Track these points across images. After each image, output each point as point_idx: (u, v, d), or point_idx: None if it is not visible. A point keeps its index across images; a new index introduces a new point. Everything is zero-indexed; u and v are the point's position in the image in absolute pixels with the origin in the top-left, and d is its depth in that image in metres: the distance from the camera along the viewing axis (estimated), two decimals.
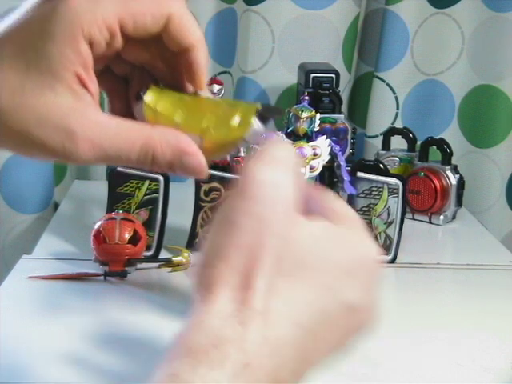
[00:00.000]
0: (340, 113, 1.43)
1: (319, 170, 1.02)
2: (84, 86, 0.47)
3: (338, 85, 1.45)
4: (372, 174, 1.24)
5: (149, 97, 0.48)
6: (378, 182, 1.23)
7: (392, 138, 1.54)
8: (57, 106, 0.46)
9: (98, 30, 0.46)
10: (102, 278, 1.11)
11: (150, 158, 0.48)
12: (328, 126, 1.39)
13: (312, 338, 0.44)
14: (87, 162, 0.48)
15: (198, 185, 1.21)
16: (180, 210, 1.25)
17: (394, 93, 1.61)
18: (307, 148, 1.02)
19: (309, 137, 1.04)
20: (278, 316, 0.43)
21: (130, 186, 1.21)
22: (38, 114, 0.46)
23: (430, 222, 1.46)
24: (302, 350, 0.44)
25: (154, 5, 0.48)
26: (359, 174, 1.24)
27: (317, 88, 1.43)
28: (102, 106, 0.48)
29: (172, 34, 0.49)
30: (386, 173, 1.25)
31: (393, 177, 1.24)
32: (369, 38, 1.67)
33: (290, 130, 1.04)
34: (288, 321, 0.43)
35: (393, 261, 1.24)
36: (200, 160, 0.48)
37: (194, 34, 0.49)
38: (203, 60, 0.50)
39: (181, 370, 0.41)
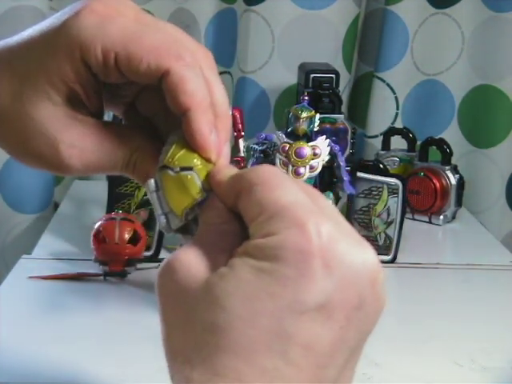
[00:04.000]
0: (340, 113, 1.43)
1: (319, 169, 1.01)
2: (80, 101, 0.48)
3: (337, 85, 1.45)
4: (372, 174, 1.24)
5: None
6: (377, 182, 1.23)
7: (392, 138, 1.54)
8: (52, 117, 0.48)
9: (93, 57, 0.46)
10: (102, 277, 1.11)
11: (131, 168, 0.49)
12: (328, 125, 1.39)
13: None
14: (77, 173, 0.49)
15: None
16: None
17: (394, 93, 1.61)
18: (307, 148, 1.02)
19: (308, 137, 1.04)
20: None
21: (129, 186, 1.21)
22: (33, 124, 0.48)
23: (430, 222, 1.46)
24: None
25: (153, 55, 0.46)
26: (359, 174, 1.23)
27: (317, 88, 1.43)
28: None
29: (166, 91, 0.46)
30: (385, 173, 1.25)
31: (393, 177, 1.24)
32: (369, 37, 1.67)
33: (289, 129, 1.04)
34: None
35: (393, 261, 1.24)
36: None
37: (191, 97, 0.46)
38: (198, 125, 0.46)
39: None
